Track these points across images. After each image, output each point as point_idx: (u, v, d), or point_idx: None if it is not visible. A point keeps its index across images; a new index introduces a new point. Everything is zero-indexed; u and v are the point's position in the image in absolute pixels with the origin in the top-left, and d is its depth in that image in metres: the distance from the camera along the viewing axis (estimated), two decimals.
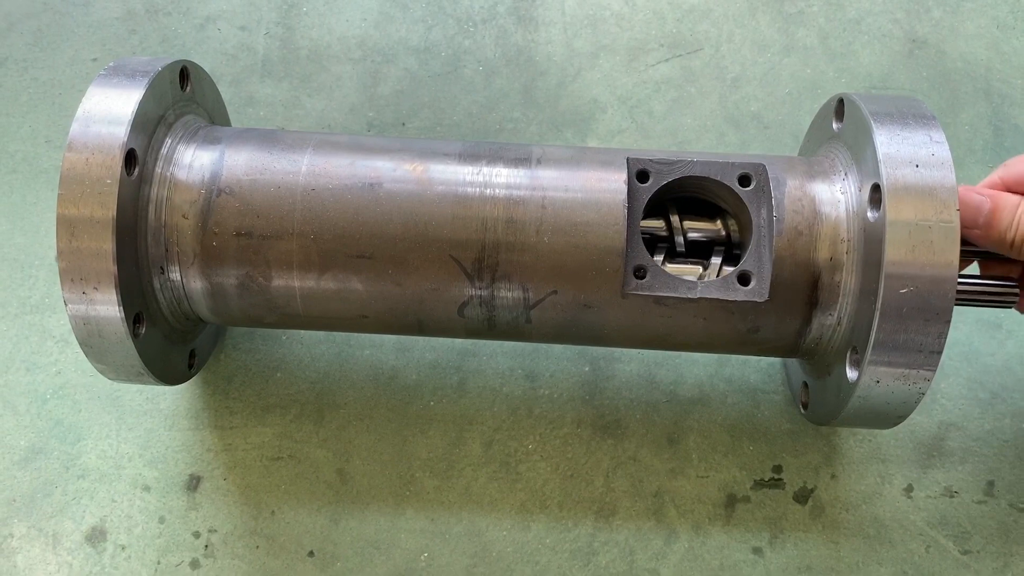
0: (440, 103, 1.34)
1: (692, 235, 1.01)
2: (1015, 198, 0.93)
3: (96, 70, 1.34)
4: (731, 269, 0.96)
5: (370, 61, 1.36)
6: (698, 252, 1.01)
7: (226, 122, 1.19)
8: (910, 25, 1.36)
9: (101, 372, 1.01)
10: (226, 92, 1.33)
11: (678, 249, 1.00)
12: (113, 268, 0.91)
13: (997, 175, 1.00)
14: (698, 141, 1.31)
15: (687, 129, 1.32)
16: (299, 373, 1.21)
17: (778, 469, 1.17)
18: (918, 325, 0.86)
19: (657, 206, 1.00)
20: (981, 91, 1.32)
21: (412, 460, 1.18)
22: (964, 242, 0.96)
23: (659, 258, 0.99)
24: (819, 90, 1.33)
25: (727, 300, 0.94)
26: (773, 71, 1.34)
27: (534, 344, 1.21)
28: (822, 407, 1.02)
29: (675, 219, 1.00)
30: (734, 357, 1.20)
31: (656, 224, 1.00)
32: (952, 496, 1.15)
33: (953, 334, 1.17)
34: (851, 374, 0.92)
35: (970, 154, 1.29)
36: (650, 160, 0.97)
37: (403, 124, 1.33)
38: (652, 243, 1.00)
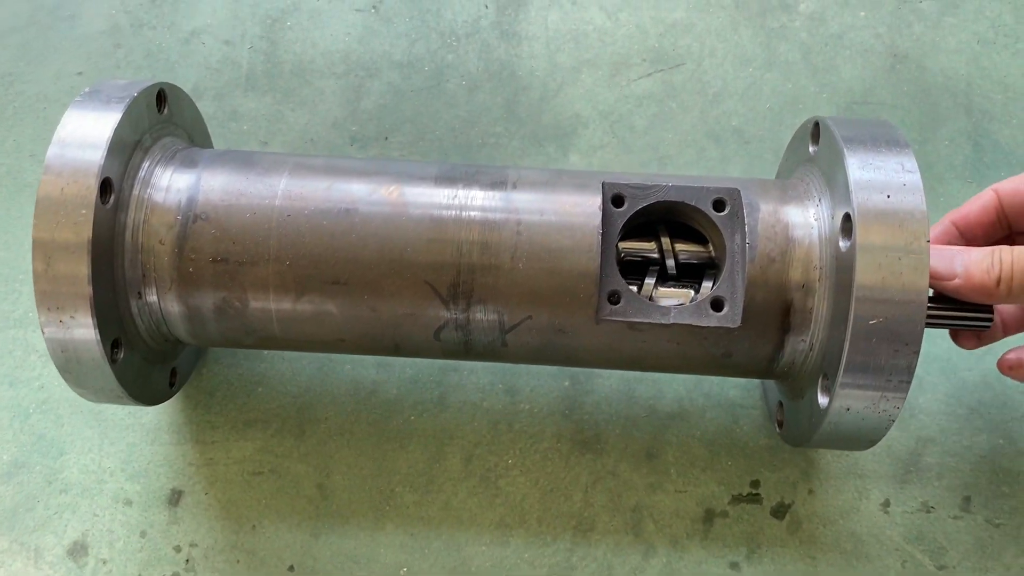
0: (423, 118, 1.34)
1: (684, 258, 1.00)
2: (985, 247, 0.93)
3: (82, 84, 1.35)
4: (689, 292, 0.97)
5: (353, 75, 1.36)
6: (692, 275, 1.01)
7: (206, 141, 1.19)
8: (892, 40, 1.36)
9: (81, 395, 1.02)
10: (210, 106, 1.34)
11: (669, 272, 1.00)
12: (89, 294, 0.92)
13: (991, 189, 1.01)
14: (679, 156, 1.32)
15: (668, 144, 1.32)
16: (280, 388, 1.22)
17: (756, 484, 1.17)
18: (888, 354, 0.87)
19: (648, 228, 1.00)
20: (961, 106, 1.32)
21: (392, 475, 1.18)
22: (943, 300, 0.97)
23: (651, 281, 0.99)
24: (800, 105, 1.33)
25: (700, 326, 0.94)
26: (755, 86, 1.34)
27: None
28: (796, 429, 1.02)
29: (666, 242, 1.00)
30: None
31: (648, 246, 1.00)
32: (929, 511, 1.16)
33: (931, 349, 1.19)
34: (822, 400, 0.92)
35: (950, 169, 1.29)
36: (625, 184, 0.97)
37: (386, 138, 1.33)
38: (644, 266, 1.00)
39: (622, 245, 0.99)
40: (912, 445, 1.19)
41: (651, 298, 0.98)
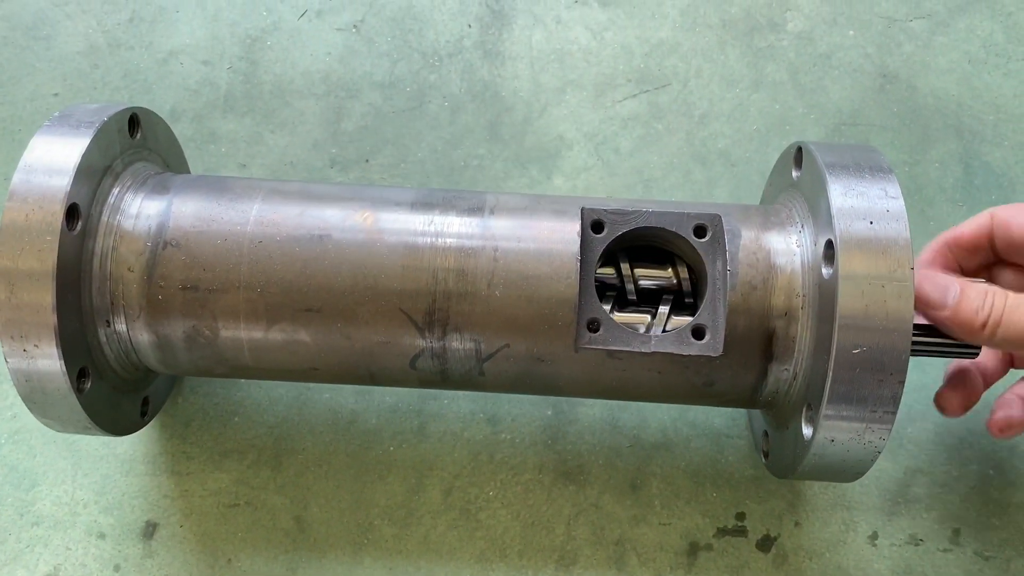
0: (404, 139, 1.32)
1: (643, 283, 0.99)
2: (983, 284, 0.92)
3: (58, 105, 1.33)
4: (685, 319, 0.94)
5: (334, 96, 1.34)
6: (650, 300, 0.99)
7: (182, 165, 1.17)
8: (881, 60, 1.34)
9: (48, 426, 1.00)
10: (188, 128, 1.32)
11: (629, 297, 0.99)
12: (54, 323, 0.89)
13: (988, 213, 1.00)
14: (664, 179, 1.29)
15: (653, 167, 1.30)
16: (257, 418, 1.20)
17: (741, 516, 1.15)
18: (872, 384, 0.85)
19: (608, 253, 0.98)
20: (952, 127, 1.30)
21: (370, 507, 1.16)
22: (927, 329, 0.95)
23: (607, 307, 0.97)
24: (788, 126, 1.31)
25: (681, 355, 0.92)
26: (741, 107, 1.32)
27: None
28: (781, 460, 1.00)
29: (625, 267, 0.98)
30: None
31: (606, 272, 0.99)
32: (917, 544, 1.14)
33: (921, 378, 1.16)
34: (806, 431, 0.90)
35: (940, 192, 1.27)
36: (604, 210, 0.95)
37: (367, 160, 1.31)
38: (601, 290, 0.98)
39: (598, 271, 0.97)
40: (900, 476, 1.16)
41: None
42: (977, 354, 0.96)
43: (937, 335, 0.95)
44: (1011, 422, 1.01)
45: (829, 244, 0.87)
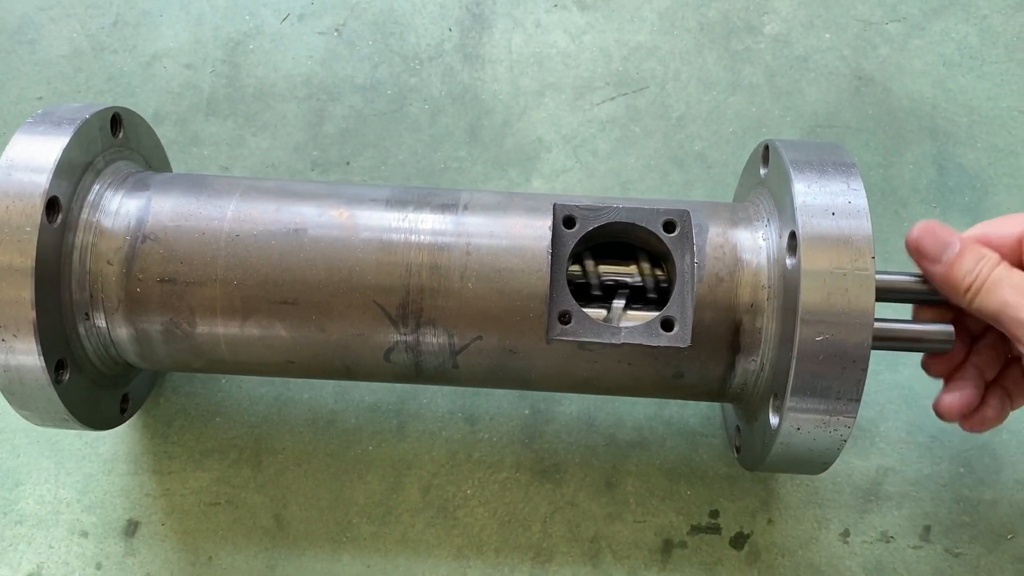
0: (385, 142, 1.33)
1: (607, 279, 1.00)
2: (983, 249, 0.92)
3: (41, 108, 1.34)
4: (651, 314, 0.95)
5: (315, 99, 1.36)
6: (613, 296, 1.00)
7: (165, 166, 1.19)
8: (857, 62, 1.35)
9: (26, 419, 1.00)
10: (171, 131, 1.33)
11: (593, 293, 1.00)
12: (32, 315, 0.90)
13: (979, 229, 0.99)
14: (641, 181, 1.31)
15: (631, 169, 1.31)
16: (238, 417, 1.21)
17: (715, 514, 1.16)
18: (836, 372, 0.86)
19: (575, 254, 0.99)
20: (926, 129, 1.31)
21: (349, 506, 1.17)
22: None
23: (620, 304, 0.98)
24: (764, 129, 1.32)
25: (651, 346, 0.93)
26: (718, 110, 1.34)
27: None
28: (751, 452, 1.01)
29: (589, 264, 0.99)
30: (673, 399, 1.19)
31: (573, 270, 1.00)
32: (888, 541, 1.14)
33: (893, 376, 1.17)
34: (773, 420, 0.91)
35: (914, 193, 1.29)
36: (576, 206, 0.96)
37: (348, 163, 1.32)
38: (613, 290, 1.00)
39: (572, 269, 0.98)
40: (872, 474, 1.17)
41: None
42: (949, 347, 0.97)
43: (907, 325, 0.96)
44: (984, 419, 1.01)
45: (792, 236, 0.88)
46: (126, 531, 1.16)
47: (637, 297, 1.00)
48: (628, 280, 1.00)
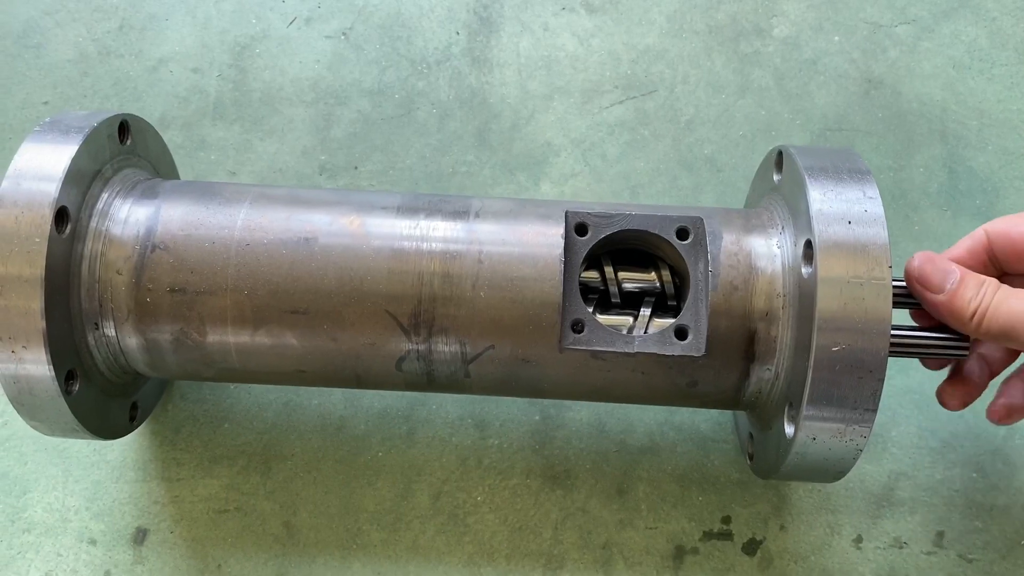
0: (393, 146, 1.33)
1: (627, 286, 1.00)
2: (981, 276, 0.92)
3: (48, 113, 1.34)
4: (667, 321, 0.95)
5: (323, 103, 1.35)
6: (633, 303, 1.00)
7: (172, 172, 1.18)
8: (866, 65, 1.35)
9: (36, 429, 1.00)
10: (177, 135, 1.32)
11: (613, 300, 1.00)
12: (42, 326, 0.90)
13: (982, 229, 0.99)
14: (651, 185, 1.30)
15: (640, 173, 1.31)
16: (247, 424, 1.20)
17: (727, 520, 1.15)
18: (852, 382, 0.85)
19: (592, 257, 0.98)
20: (936, 132, 1.31)
21: (359, 513, 1.16)
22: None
23: (591, 309, 0.97)
24: (774, 132, 1.32)
25: (664, 355, 0.92)
26: (727, 113, 1.33)
27: None
28: (765, 460, 1.01)
29: (609, 270, 0.99)
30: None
31: (590, 275, 1.00)
32: (901, 547, 1.14)
33: (905, 381, 1.17)
34: (788, 429, 0.91)
35: (925, 197, 1.28)
36: (588, 213, 0.96)
37: (355, 167, 1.32)
38: (585, 293, 0.99)
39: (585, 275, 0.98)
40: (884, 479, 1.17)
41: (647, 329, 0.97)
42: (966, 353, 0.97)
43: (924, 334, 0.96)
44: (1011, 409, 1.01)
45: (808, 244, 0.88)
46: (135, 539, 1.16)
47: (658, 304, 1.00)
48: (649, 287, 1.00)
